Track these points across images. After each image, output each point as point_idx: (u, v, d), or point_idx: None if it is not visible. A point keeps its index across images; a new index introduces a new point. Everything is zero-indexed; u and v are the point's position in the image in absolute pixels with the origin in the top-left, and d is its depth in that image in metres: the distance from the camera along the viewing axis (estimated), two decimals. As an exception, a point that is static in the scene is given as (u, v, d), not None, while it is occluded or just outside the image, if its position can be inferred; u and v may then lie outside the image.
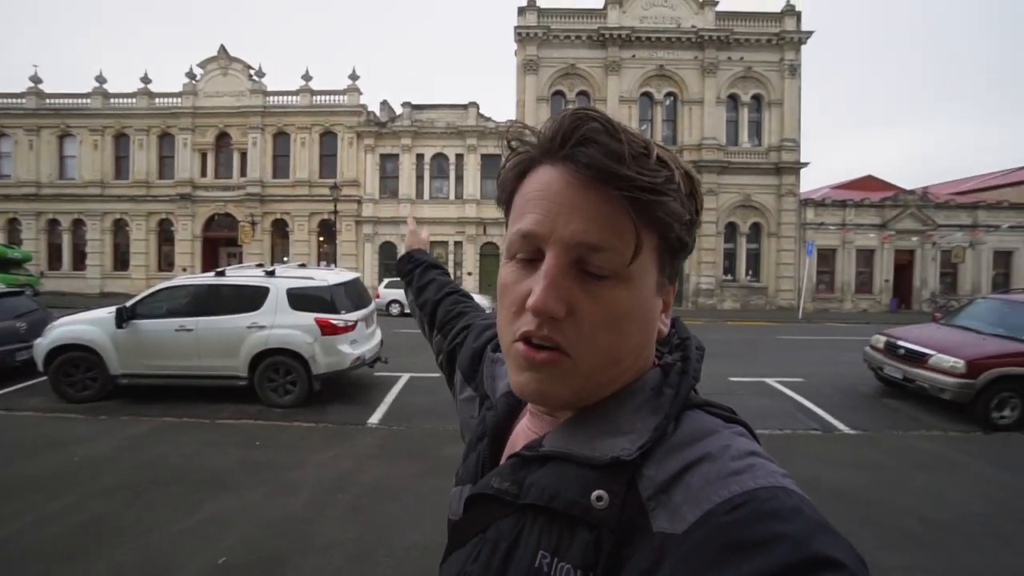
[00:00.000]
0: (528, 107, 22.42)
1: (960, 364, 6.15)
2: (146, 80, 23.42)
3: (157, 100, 23.40)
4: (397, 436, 5.39)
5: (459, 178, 22.94)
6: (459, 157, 22.85)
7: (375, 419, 6.00)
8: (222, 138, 23.41)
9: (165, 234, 23.78)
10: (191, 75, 23.16)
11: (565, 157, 0.47)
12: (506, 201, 0.54)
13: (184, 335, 6.31)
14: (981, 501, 4.04)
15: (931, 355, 6.53)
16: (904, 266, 23.20)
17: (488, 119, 22.73)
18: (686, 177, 0.49)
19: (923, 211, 22.78)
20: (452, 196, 22.99)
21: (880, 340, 7.57)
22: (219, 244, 24.43)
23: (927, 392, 6.50)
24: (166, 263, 23.71)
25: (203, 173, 23.45)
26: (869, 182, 29.15)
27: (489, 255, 23.05)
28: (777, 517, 0.37)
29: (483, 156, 22.77)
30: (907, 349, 6.94)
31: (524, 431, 0.58)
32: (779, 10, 22.57)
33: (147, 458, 4.58)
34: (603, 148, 0.44)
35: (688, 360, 0.53)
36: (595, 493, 0.44)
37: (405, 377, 7.88)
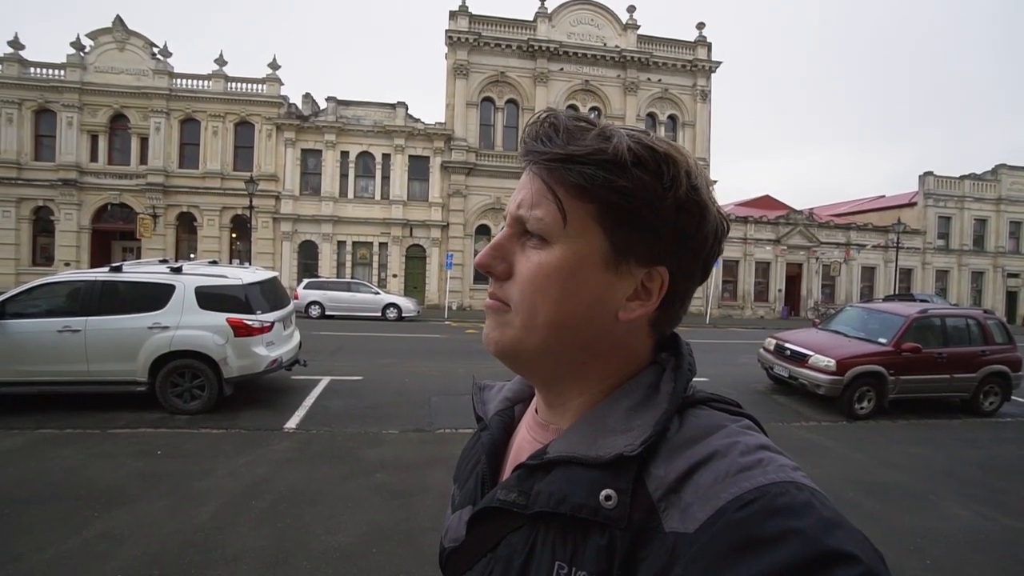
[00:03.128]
0: (457, 111, 22.49)
1: (832, 363, 7.08)
2: (17, 45, 20.43)
3: (32, 69, 20.52)
4: (316, 440, 5.21)
5: (385, 178, 22.41)
6: (386, 157, 22.34)
7: (292, 424, 5.75)
8: (118, 120, 21.06)
9: (42, 224, 20.92)
10: (78, 46, 20.63)
11: (523, 153, 0.53)
12: None
13: (69, 337, 5.66)
14: (837, 476, 4.73)
15: (810, 355, 7.45)
16: (794, 277, 26.08)
17: (417, 120, 22.47)
18: (647, 150, 0.47)
19: (809, 229, 25.78)
20: (378, 196, 22.40)
21: (771, 343, 8.48)
22: (112, 237, 21.95)
23: (807, 388, 7.40)
24: (43, 257, 20.88)
25: (93, 157, 20.93)
26: (767, 201, 32.44)
27: (414, 257, 22.73)
28: (788, 512, 0.37)
29: (411, 157, 22.45)
30: (792, 350, 7.85)
31: (527, 442, 0.58)
32: (692, 39, 24.54)
33: (18, 475, 4.06)
34: (543, 137, 0.49)
35: (680, 355, 0.54)
36: (603, 493, 0.44)
37: (325, 380, 7.61)
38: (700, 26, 24.57)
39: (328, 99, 21.98)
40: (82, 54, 20.68)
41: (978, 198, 27.83)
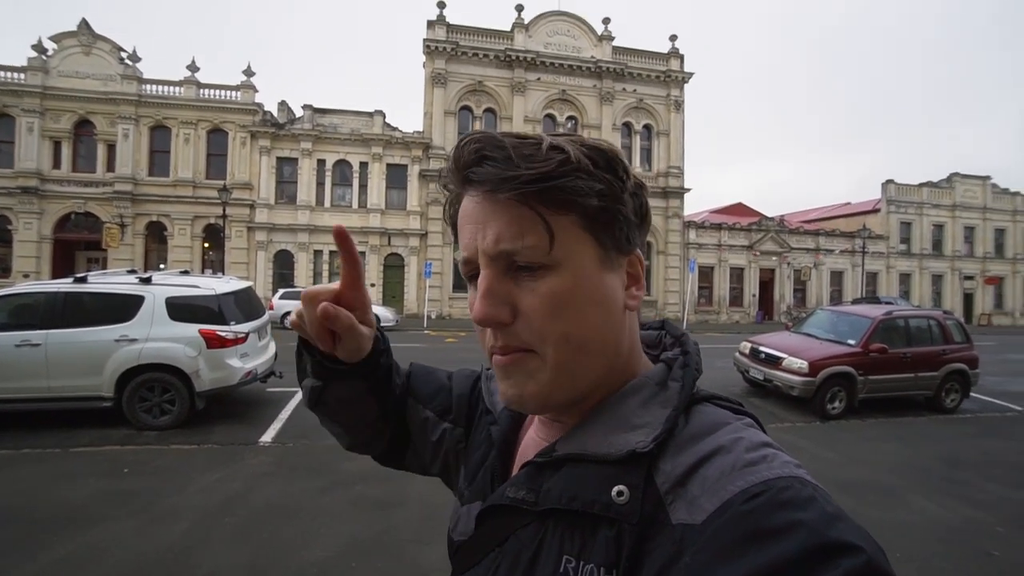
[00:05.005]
0: (436, 120, 22.50)
1: (804, 365, 7.27)
2: (-29, 46, 19.63)
3: (-11, 73, 19.73)
4: (293, 453, 5.09)
5: (363, 186, 22.21)
6: (363, 165, 22.15)
7: (268, 437, 5.60)
8: (82, 126, 20.36)
9: (0, 233, 20.03)
10: (40, 49, 19.92)
11: (465, 182, 0.50)
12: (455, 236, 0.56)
13: (28, 351, 5.41)
14: (813, 477, 4.80)
15: (784, 358, 7.64)
16: (767, 282, 26.78)
17: (395, 128, 22.38)
18: (594, 152, 0.49)
19: (780, 236, 26.54)
20: (355, 205, 22.17)
21: (746, 346, 8.65)
22: (76, 247, 21.11)
23: (781, 390, 7.58)
24: (1, 268, 19.96)
25: (56, 164, 20.17)
26: (740, 208, 33.30)
27: (393, 266, 22.54)
28: (794, 506, 0.38)
29: (388, 166, 22.32)
30: (766, 353, 8.02)
31: (534, 440, 0.58)
32: (666, 51, 25.15)
33: (-29, 499, 3.86)
34: (492, 160, 0.47)
35: (688, 354, 0.54)
36: (615, 488, 0.45)
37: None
38: (673, 38, 25.20)
39: (304, 107, 21.71)
40: (44, 57, 19.98)
41: (935, 204, 29.12)
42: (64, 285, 5.77)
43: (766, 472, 0.41)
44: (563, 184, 0.47)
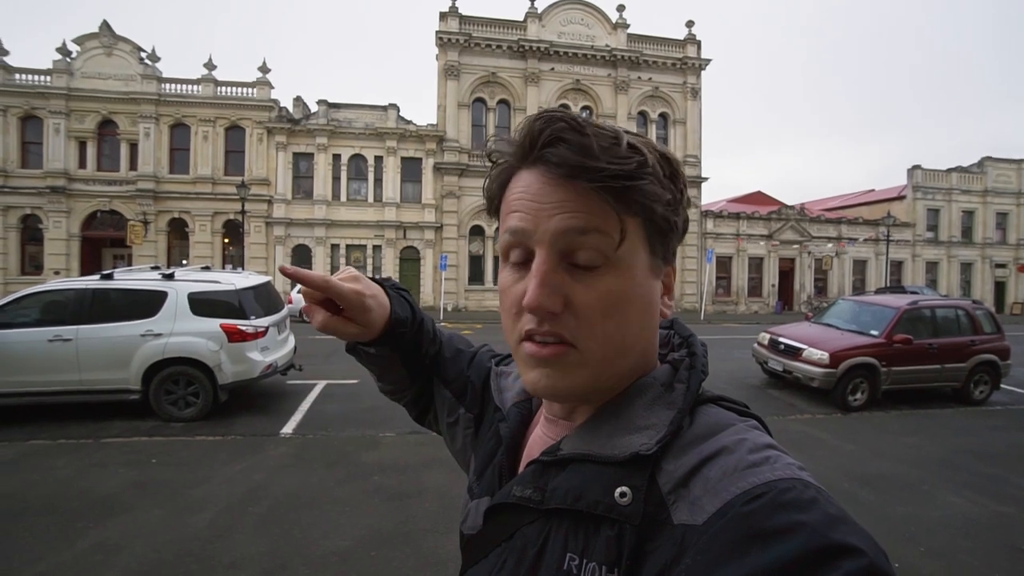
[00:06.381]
0: (449, 112, 22.45)
1: (825, 356, 7.13)
2: (0, 51, 20.06)
3: (18, 76, 20.24)
4: (313, 445, 5.19)
5: (378, 180, 22.34)
6: (378, 159, 22.27)
7: (289, 429, 5.73)
8: (106, 126, 20.83)
9: (31, 232, 20.68)
10: (64, 51, 20.39)
11: (537, 159, 0.48)
12: (495, 212, 0.54)
13: (60, 346, 5.61)
14: (832, 468, 4.77)
15: (804, 349, 7.50)
16: (787, 272, 26.24)
17: (409, 122, 22.41)
18: (663, 159, 0.49)
19: (801, 224, 25.94)
20: (371, 199, 22.33)
21: (765, 337, 8.53)
22: (102, 245, 21.70)
23: (801, 382, 7.45)
24: (32, 266, 20.62)
25: (82, 164, 20.70)
26: (759, 197, 32.60)
27: (409, 259, 22.68)
28: (796, 507, 0.38)
29: (403, 159, 22.39)
30: (786, 344, 7.90)
31: (540, 438, 0.58)
32: (682, 38, 24.64)
33: (10, 487, 4.02)
34: (571, 145, 0.45)
35: (695, 356, 0.54)
36: (619, 490, 0.45)
37: (321, 384, 7.58)
38: (689, 24, 24.66)
39: (319, 102, 21.87)
40: (68, 59, 20.43)
41: (965, 190, 28.11)
42: (92, 282, 5.95)
43: (768, 473, 0.41)
44: (641, 186, 0.46)
